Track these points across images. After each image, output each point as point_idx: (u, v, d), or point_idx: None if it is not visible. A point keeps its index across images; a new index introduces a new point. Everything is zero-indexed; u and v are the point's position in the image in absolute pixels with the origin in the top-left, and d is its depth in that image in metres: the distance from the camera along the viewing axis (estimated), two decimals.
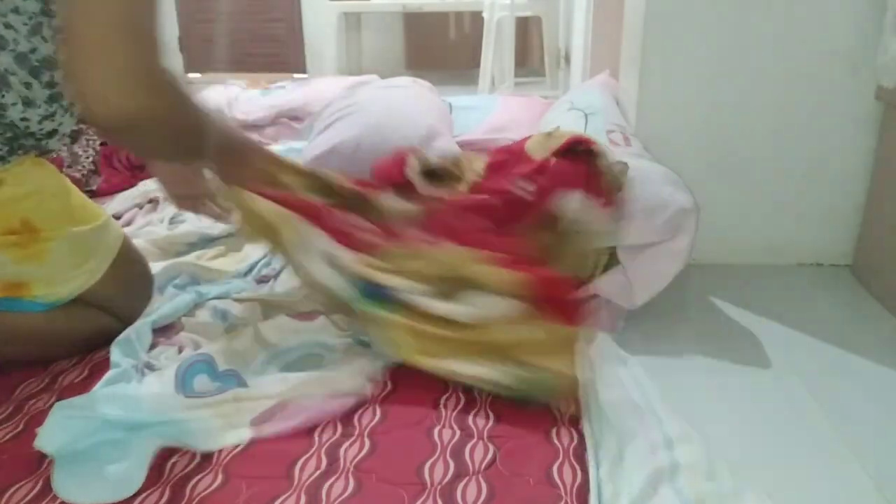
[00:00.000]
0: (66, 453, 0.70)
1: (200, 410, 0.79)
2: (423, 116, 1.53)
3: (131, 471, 0.70)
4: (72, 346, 0.93)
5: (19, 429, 0.78)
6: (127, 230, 1.39)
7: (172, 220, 1.44)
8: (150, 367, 0.88)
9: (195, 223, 1.41)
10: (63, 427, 0.71)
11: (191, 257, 1.23)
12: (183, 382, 0.84)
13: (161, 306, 1.01)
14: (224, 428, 0.77)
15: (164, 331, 0.98)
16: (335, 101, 1.80)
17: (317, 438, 0.76)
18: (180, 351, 0.93)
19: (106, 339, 0.92)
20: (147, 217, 1.47)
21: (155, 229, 1.38)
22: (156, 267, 1.11)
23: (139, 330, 0.94)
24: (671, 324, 1.10)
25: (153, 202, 1.55)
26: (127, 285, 0.98)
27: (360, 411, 0.81)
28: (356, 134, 1.47)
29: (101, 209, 0.97)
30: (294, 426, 0.78)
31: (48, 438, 0.70)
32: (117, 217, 1.49)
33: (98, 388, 0.81)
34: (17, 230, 0.85)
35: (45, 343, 0.91)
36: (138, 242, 1.24)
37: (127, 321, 0.95)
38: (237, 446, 0.75)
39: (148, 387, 0.83)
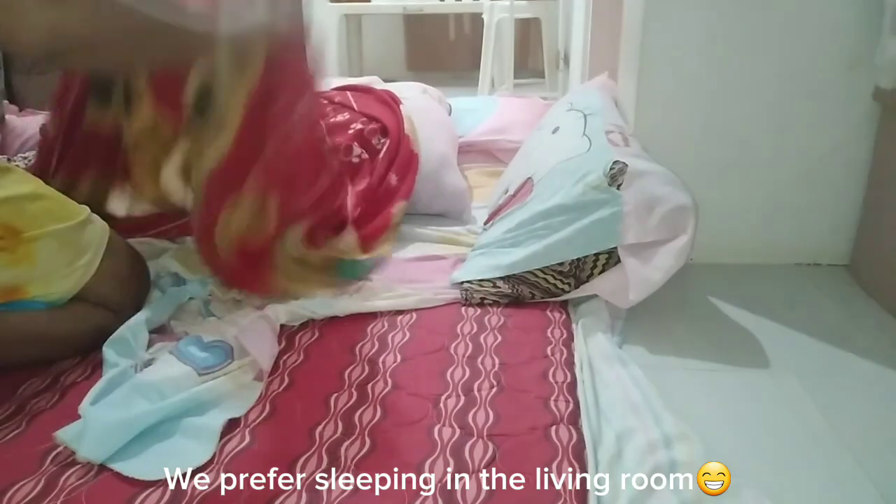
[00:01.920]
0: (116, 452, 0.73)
1: (218, 380, 0.85)
2: (435, 143, 1.53)
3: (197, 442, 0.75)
4: (76, 346, 0.93)
5: (21, 428, 0.78)
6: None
7: None
8: (151, 364, 0.89)
9: None
10: (103, 433, 0.73)
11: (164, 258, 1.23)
12: (187, 358, 0.88)
13: (150, 308, 1.01)
14: (239, 389, 0.85)
15: (157, 330, 0.99)
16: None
17: (318, 437, 0.77)
18: None
19: (108, 338, 0.92)
20: None
21: None
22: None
23: (134, 329, 0.94)
24: (669, 323, 1.10)
25: None
26: (124, 277, 0.99)
27: (360, 409, 0.82)
28: None
29: (81, 206, 0.96)
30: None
31: (92, 449, 0.72)
32: None
33: (98, 388, 0.81)
34: (0, 235, 0.85)
35: (49, 344, 0.91)
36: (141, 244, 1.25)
37: (127, 316, 0.96)
38: (237, 445, 0.76)
39: (155, 374, 0.85)
